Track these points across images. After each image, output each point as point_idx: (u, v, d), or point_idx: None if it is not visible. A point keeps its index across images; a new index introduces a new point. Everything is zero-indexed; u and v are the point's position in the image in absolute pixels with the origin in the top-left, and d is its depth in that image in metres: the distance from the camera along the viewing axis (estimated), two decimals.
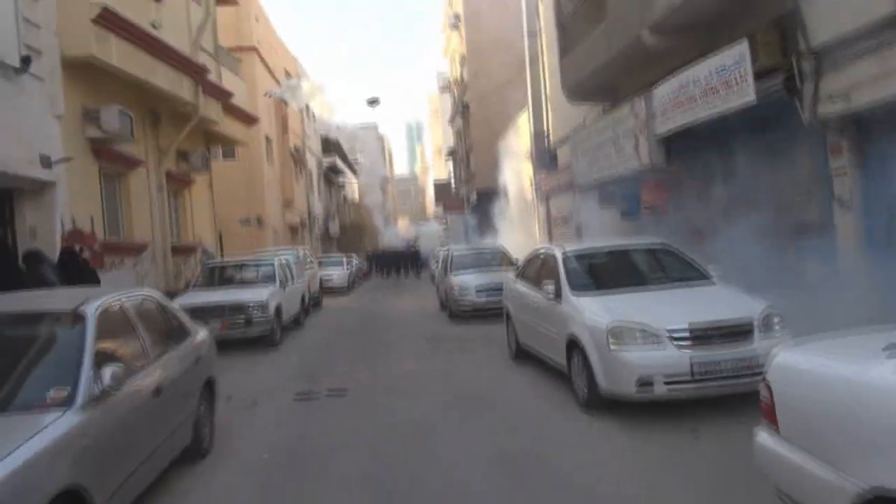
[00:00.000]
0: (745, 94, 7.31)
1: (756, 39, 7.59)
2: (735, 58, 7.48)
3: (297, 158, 33.07)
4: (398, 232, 57.65)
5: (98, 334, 3.84)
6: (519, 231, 21.19)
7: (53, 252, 8.92)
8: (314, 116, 39.90)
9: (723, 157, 8.59)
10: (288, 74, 33.18)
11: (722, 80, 7.72)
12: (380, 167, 67.32)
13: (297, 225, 32.50)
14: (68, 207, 9.58)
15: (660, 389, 5.51)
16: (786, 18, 7.39)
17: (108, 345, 3.97)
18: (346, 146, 52.70)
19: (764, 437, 3.14)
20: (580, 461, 4.83)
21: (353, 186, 59.71)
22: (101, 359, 3.71)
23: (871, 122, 6.89)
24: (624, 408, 5.79)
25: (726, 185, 8.71)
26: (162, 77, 11.89)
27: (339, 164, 49.31)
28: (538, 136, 19.63)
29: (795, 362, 3.05)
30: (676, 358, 5.50)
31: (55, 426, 3.20)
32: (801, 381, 2.95)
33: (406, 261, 35.90)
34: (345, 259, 28.90)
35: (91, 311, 3.98)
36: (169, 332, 5.03)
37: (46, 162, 9.05)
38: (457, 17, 31.57)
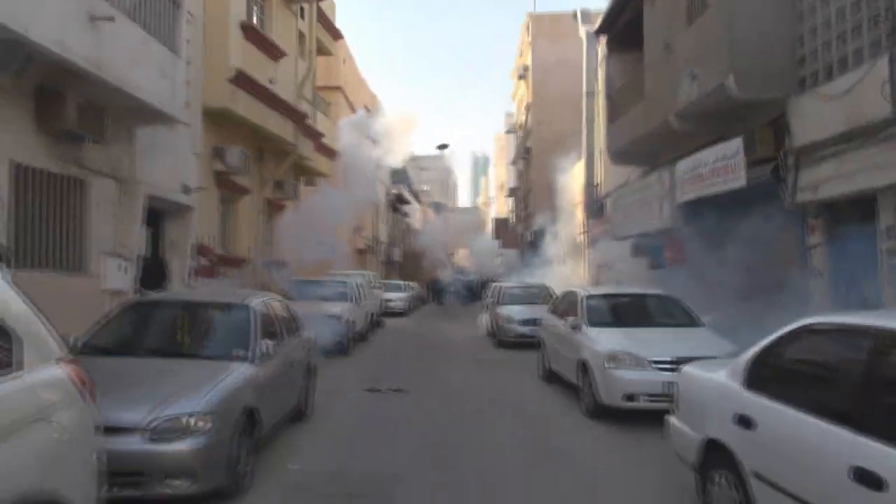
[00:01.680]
0: (738, 179, 9.15)
1: (754, 135, 9.42)
2: (733, 149, 9.34)
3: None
4: (456, 262, 59.94)
5: (258, 319, 6.06)
6: (567, 271, 23.00)
7: (185, 261, 11.43)
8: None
9: (728, 224, 10.32)
10: (367, 109, 36.19)
11: (722, 166, 9.58)
12: (442, 202, 69.92)
13: (364, 249, 35.11)
14: (197, 226, 12.12)
15: (641, 402, 7.36)
16: (778, 120, 9.19)
17: (263, 326, 6.19)
18: (412, 175, 55.67)
19: (672, 418, 5.02)
20: (580, 447, 6.75)
21: (416, 215, 62.57)
22: (261, 334, 5.92)
23: (839, 208, 8.60)
24: (617, 416, 7.62)
25: (729, 249, 10.44)
26: (272, 122, 14.49)
27: (405, 194, 52.24)
28: (589, 186, 21.56)
29: (689, 372, 4.96)
30: (654, 380, 7.34)
31: (241, 371, 5.38)
32: (689, 381, 4.86)
33: (460, 291, 38.08)
34: (405, 284, 31.22)
35: (253, 303, 6.22)
36: (291, 325, 7.24)
37: (186, 190, 11.61)
38: (525, 68, 33.96)
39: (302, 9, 17.32)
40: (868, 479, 2.86)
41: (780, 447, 3.57)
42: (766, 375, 3.93)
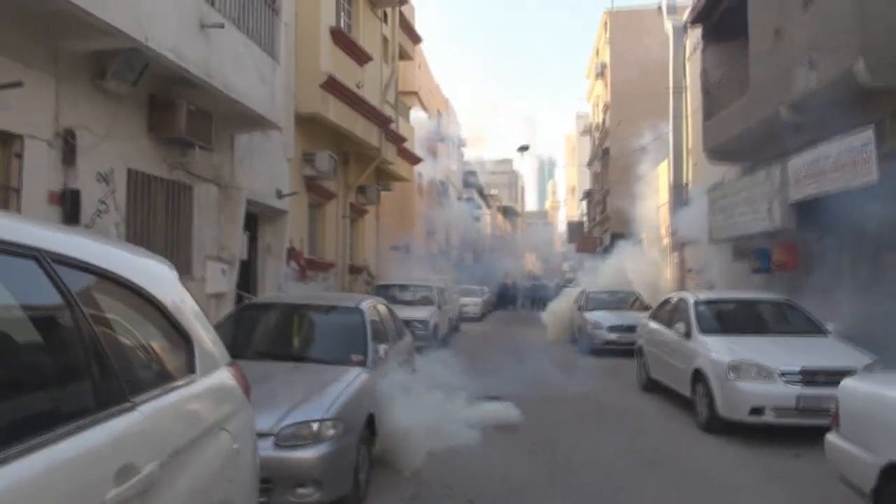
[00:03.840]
0: (869, 173, 8.41)
1: (884, 125, 8.67)
2: (863, 141, 8.60)
3: (442, 192, 35.85)
4: (525, 266, 59.37)
5: (370, 322, 5.92)
6: (651, 276, 22.16)
7: (279, 265, 11.56)
8: (460, 153, 42.79)
9: (850, 225, 9.55)
10: (439, 114, 36.24)
11: (850, 159, 8.84)
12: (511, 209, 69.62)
13: (437, 254, 35.09)
14: (288, 231, 12.22)
15: (768, 416, 6.81)
16: None
17: (374, 330, 6.04)
18: (482, 180, 55.50)
19: (831, 436, 4.54)
20: (704, 462, 6.29)
21: (486, 219, 62.33)
22: (374, 338, 5.77)
23: None
24: (739, 431, 7.09)
25: (850, 252, 9.67)
26: (359, 127, 14.53)
27: (476, 197, 52.08)
28: (676, 187, 20.70)
29: (854, 386, 4.47)
30: (785, 393, 6.78)
31: (360, 377, 5.23)
32: (855, 396, 4.37)
33: (530, 296, 38.00)
34: (480, 289, 30.96)
35: (364, 306, 6.08)
36: (397, 328, 7.09)
37: (280, 195, 11.72)
38: (603, 65, 33.15)
39: (386, 13, 17.37)
40: None
41: None
42: None
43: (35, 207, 6.16)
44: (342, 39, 13.27)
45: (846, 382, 4.57)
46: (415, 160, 21.98)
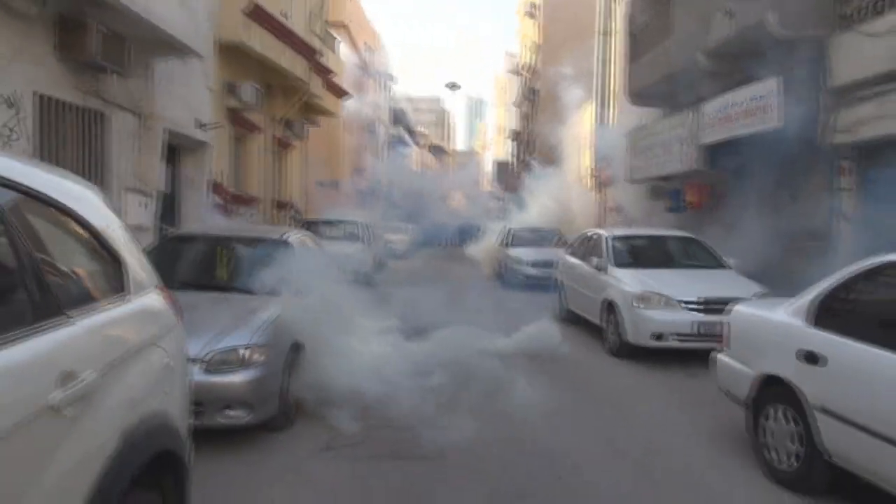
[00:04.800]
0: (773, 119, 8.99)
1: (791, 73, 9.22)
2: (769, 89, 9.14)
3: (370, 128, 35.35)
4: (453, 204, 59.79)
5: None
6: (575, 214, 22.92)
7: (201, 198, 11.31)
8: (389, 88, 42.02)
9: (755, 167, 10.22)
10: (369, 48, 35.32)
11: (757, 106, 9.40)
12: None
13: (366, 191, 34.85)
14: (211, 164, 11.92)
15: (670, 341, 7.43)
16: (815, 60, 8.97)
17: None
18: (412, 117, 54.96)
19: (720, 356, 5.06)
20: (607, 387, 6.82)
21: (414, 156, 61.98)
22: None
23: (872, 151, 8.50)
24: (640, 355, 7.69)
25: (755, 192, 10.36)
26: (285, 58, 14.09)
27: (405, 135, 51.61)
28: (601, 129, 21.25)
29: (741, 310, 4.97)
30: (686, 319, 7.39)
31: (287, 305, 5.36)
32: (741, 319, 4.87)
33: (458, 233, 38.32)
34: (406, 227, 31.11)
35: (292, 239, 6.15)
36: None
37: (201, 125, 11.36)
38: (534, 6, 33.00)
39: None
40: None
41: (853, 382, 3.60)
42: (835, 313, 3.93)
43: None
44: None
45: (738, 308, 5.07)
46: (343, 94, 21.53)
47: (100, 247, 2.28)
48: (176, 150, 11.11)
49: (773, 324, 4.42)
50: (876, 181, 8.46)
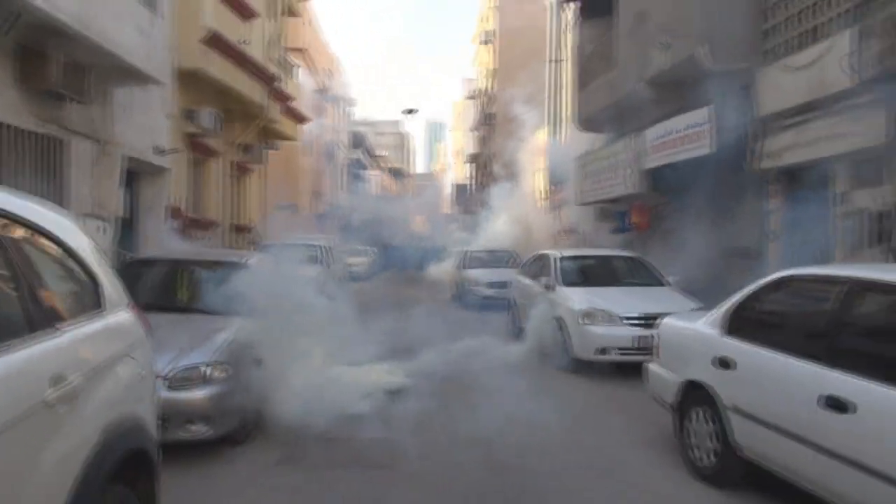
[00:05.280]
0: (706, 147, 9.66)
1: (724, 102, 9.91)
2: (702, 117, 9.82)
3: (330, 152, 35.61)
4: (412, 227, 60.18)
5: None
6: (531, 235, 23.53)
7: (160, 223, 11.42)
8: (348, 112, 42.40)
9: (693, 190, 10.87)
10: (328, 72, 35.72)
11: (692, 133, 10.07)
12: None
13: (325, 214, 34.98)
14: (170, 189, 12.04)
15: (613, 355, 7.89)
16: (744, 91, 9.68)
17: None
18: (371, 141, 55.35)
19: (651, 365, 5.50)
20: (555, 399, 7.23)
21: (375, 180, 62.32)
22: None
23: (797, 175, 9.20)
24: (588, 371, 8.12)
25: (693, 213, 11.01)
26: (243, 84, 14.33)
27: (364, 159, 51.95)
28: (553, 153, 21.99)
29: (669, 322, 5.44)
30: (626, 335, 7.86)
31: (247, 324, 5.61)
32: (669, 331, 5.33)
33: (418, 256, 38.59)
34: (366, 249, 31.34)
35: (252, 262, 6.42)
36: None
37: (159, 151, 11.51)
38: (490, 34, 33.94)
39: None
40: (835, 404, 3.34)
41: (757, 384, 4.05)
42: (743, 323, 4.40)
43: None
44: None
45: (666, 320, 5.54)
46: (301, 119, 21.80)
47: (78, 267, 2.56)
48: (134, 176, 11.23)
49: (694, 334, 4.89)
50: (801, 202, 9.14)
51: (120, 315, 2.75)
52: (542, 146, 24.26)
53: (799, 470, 3.67)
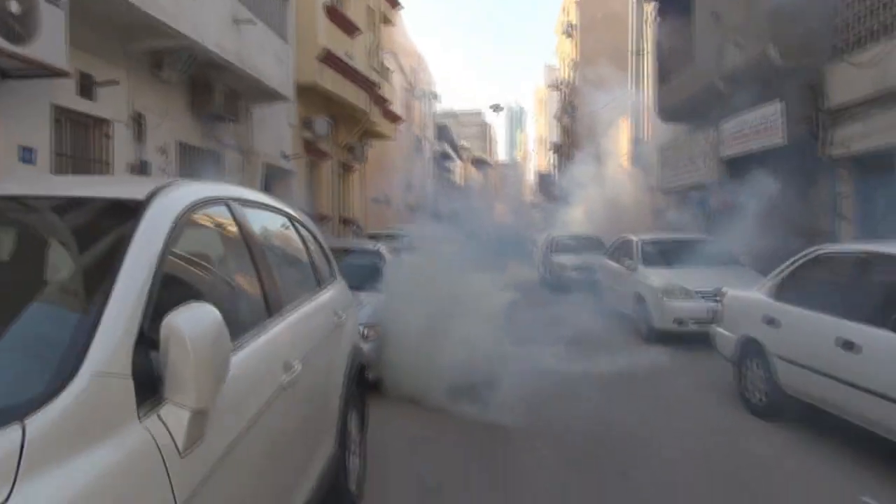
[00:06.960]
0: (779, 137, 10.46)
1: (797, 95, 10.67)
2: (774, 111, 10.61)
3: (417, 146, 37.44)
4: (497, 216, 61.38)
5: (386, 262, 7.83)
6: (618, 222, 24.29)
7: None
8: (435, 105, 44.13)
9: (770, 177, 11.63)
10: (414, 70, 37.47)
11: (765, 126, 10.87)
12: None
13: (415, 205, 36.85)
14: (296, 189, 13.93)
15: (689, 325, 8.98)
16: (815, 84, 10.39)
17: None
18: (454, 132, 56.94)
19: (715, 327, 6.64)
20: (638, 361, 8.42)
21: (459, 171, 63.98)
22: None
23: (866, 161, 9.88)
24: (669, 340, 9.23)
25: (767, 198, 11.75)
26: (350, 93, 16.09)
27: (448, 150, 53.63)
28: (637, 141, 22.72)
29: (730, 293, 6.56)
30: (701, 307, 8.92)
31: (380, 297, 7.15)
32: (731, 300, 6.45)
33: (501, 244, 39.81)
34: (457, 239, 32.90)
35: (381, 248, 7.99)
36: None
37: (285, 157, 13.39)
38: (571, 25, 34.62)
39: None
40: (846, 345, 4.46)
41: (795, 335, 5.18)
42: (787, 289, 5.52)
43: (120, 176, 7.84)
44: (335, 15, 14.72)
45: (729, 291, 6.66)
46: (396, 119, 23.53)
47: (304, 250, 4.08)
48: (268, 179, 13.15)
49: (749, 300, 6.01)
50: (869, 187, 9.84)
51: (341, 285, 4.27)
52: (625, 136, 24.95)
53: (826, 398, 4.80)
